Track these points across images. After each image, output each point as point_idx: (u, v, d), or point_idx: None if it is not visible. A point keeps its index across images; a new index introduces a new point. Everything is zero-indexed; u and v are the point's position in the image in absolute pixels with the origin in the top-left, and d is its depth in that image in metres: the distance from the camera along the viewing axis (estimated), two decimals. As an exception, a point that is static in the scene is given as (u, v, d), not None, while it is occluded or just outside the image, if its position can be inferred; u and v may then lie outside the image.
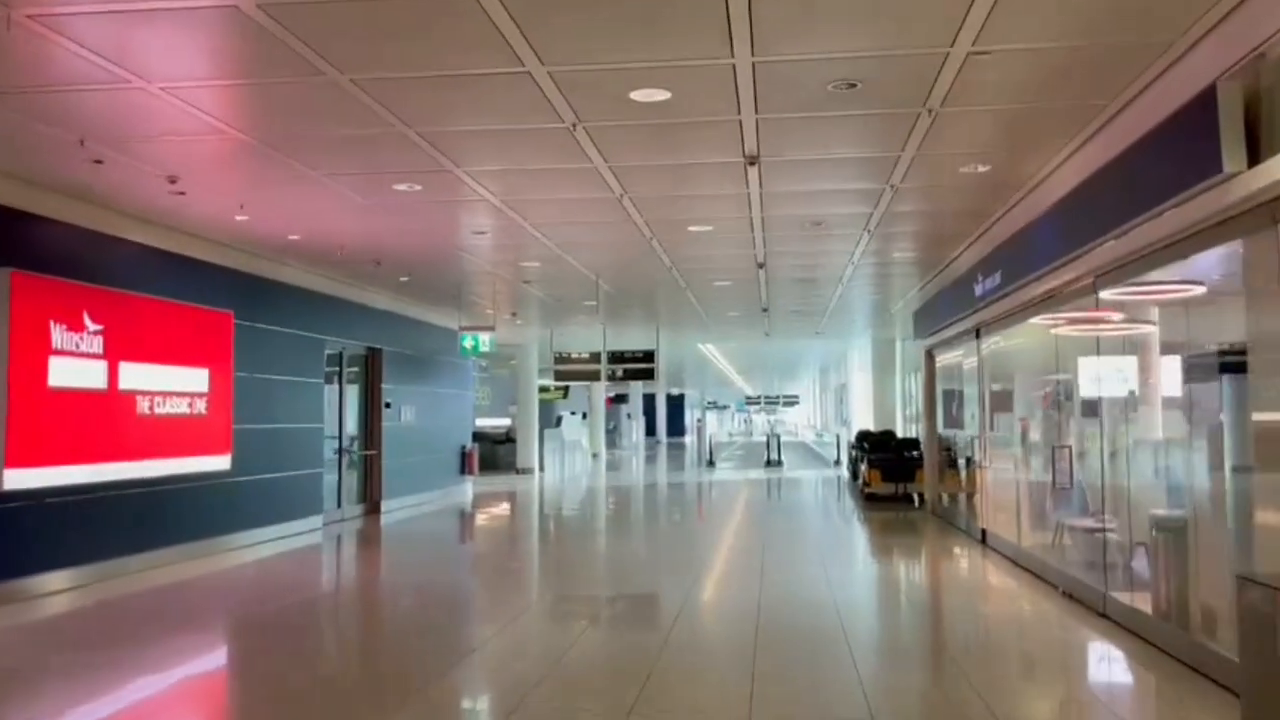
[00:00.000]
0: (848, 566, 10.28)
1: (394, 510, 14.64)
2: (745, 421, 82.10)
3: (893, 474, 15.77)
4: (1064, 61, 5.24)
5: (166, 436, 9.13)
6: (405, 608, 8.35)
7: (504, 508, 17.57)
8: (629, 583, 9.39)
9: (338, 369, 13.60)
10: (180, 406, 9.34)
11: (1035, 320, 8.60)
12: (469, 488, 18.28)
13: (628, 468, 29.92)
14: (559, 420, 28.59)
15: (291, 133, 6.53)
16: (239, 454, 10.31)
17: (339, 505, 13.46)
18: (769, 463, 27.05)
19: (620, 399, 48.25)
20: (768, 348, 29.79)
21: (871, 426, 23.46)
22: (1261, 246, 4.53)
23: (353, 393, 14.22)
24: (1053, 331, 8.33)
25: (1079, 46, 5.05)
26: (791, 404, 56.65)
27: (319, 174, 7.54)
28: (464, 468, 18.02)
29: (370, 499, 14.40)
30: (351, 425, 14.14)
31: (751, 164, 7.21)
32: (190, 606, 8.02)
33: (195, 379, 9.59)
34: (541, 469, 24.29)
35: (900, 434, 21.12)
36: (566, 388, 38.34)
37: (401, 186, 7.90)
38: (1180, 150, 4.88)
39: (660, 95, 5.75)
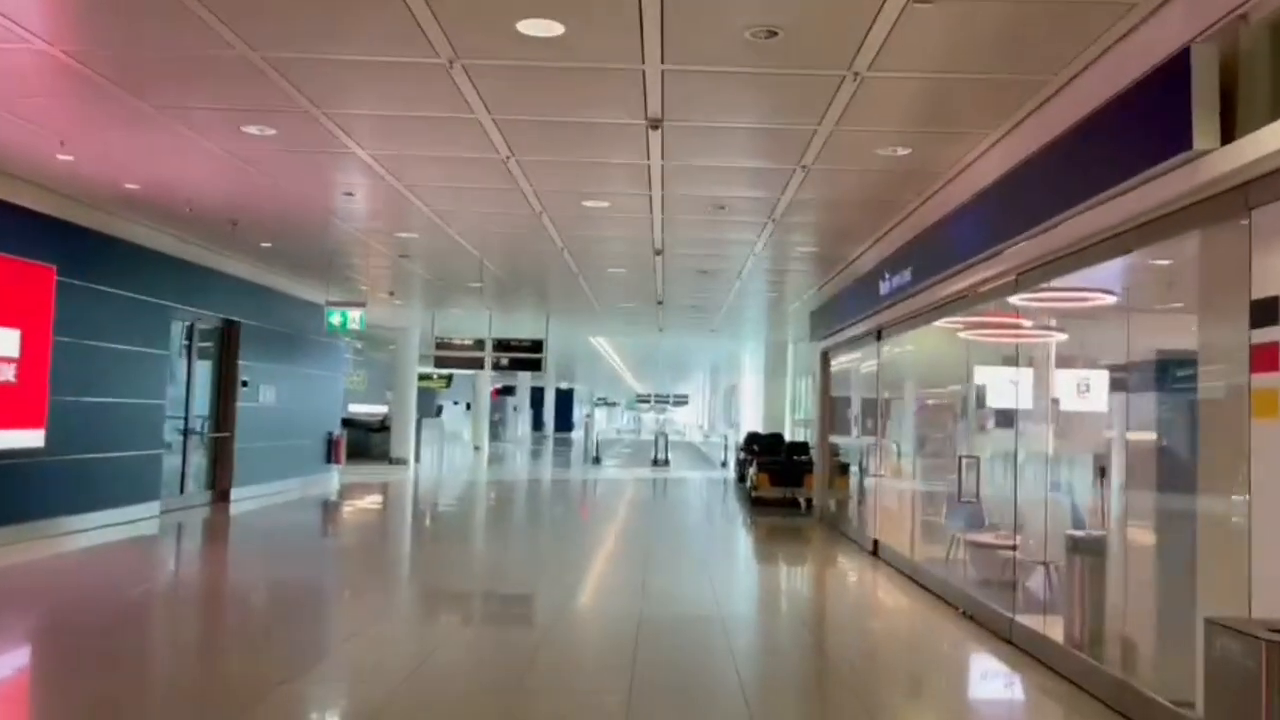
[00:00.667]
0: (733, 575, 9.63)
1: (246, 499, 13.38)
2: (635, 419, 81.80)
3: (782, 478, 15.29)
4: (1014, 19, 4.62)
5: (-39, 406, 7.83)
6: (236, 610, 7.30)
7: (370, 500, 16.41)
8: (497, 587, 8.52)
9: (186, 341, 12.28)
10: (-19, 372, 8.03)
11: (942, 323, 8.10)
12: (334, 477, 17.05)
13: (510, 462, 28.91)
14: (439, 410, 27.39)
15: (114, 50, 5.45)
16: (56, 429, 9.02)
17: (181, 491, 12.15)
18: (656, 462, 26.45)
19: (508, 391, 47.11)
20: (661, 344, 29.21)
21: (760, 429, 23.13)
22: (1227, 238, 3.97)
23: (204, 369, 12.92)
24: (962, 335, 7.84)
25: (1034, 3, 4.44)
26: (682, 404, 56.39)
27: (150, 106, 6.43)
28: (330, 456, 16.78)
29: (219, 485, 13.11)
30: (201, 404, 12.83)
31: (654, 128, 6.44)
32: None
33: (2, 341, 8.28)
34: (417, 460, 23.09)
35: (789, 438, 20.81)
36: (450, 376, 37.04)
37: (252, 129, 6.84)
38: (1140, 125, 4.30)
39: (553, 29, 4.91)
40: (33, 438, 8.69)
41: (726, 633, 6.56)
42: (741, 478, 20.34)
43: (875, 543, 10.12)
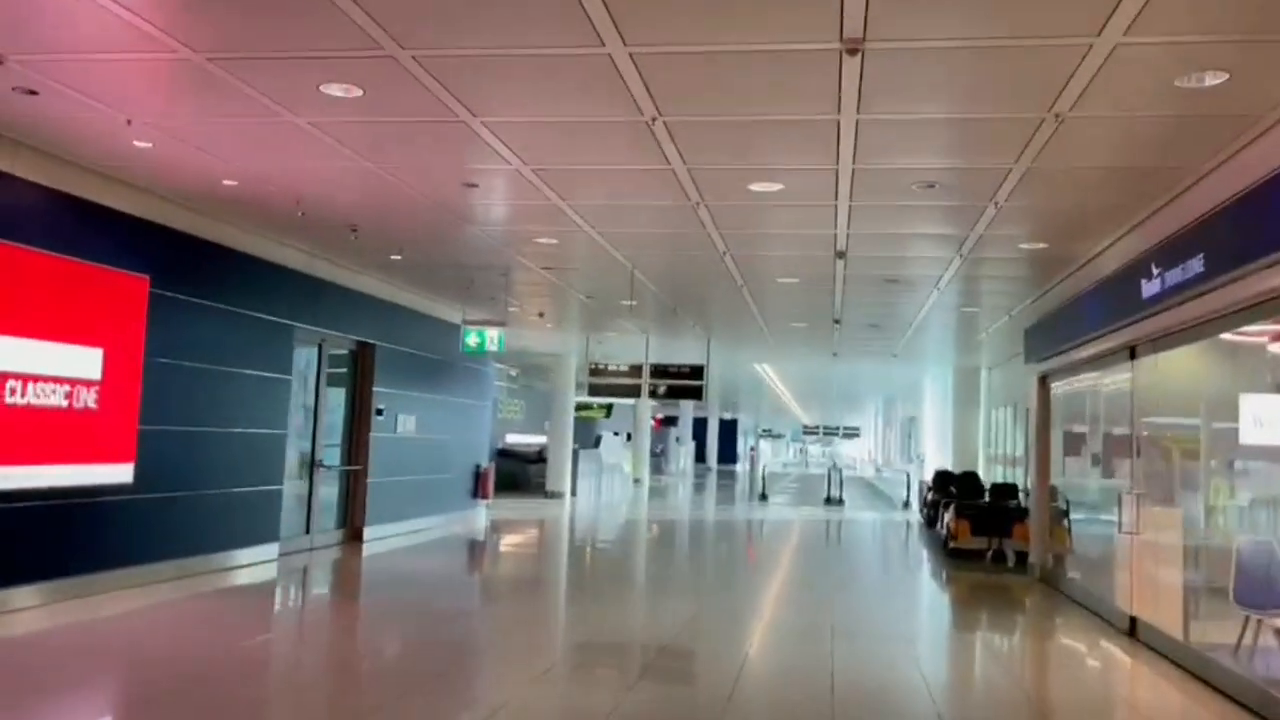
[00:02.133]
0: (942, 651, 7.57)
1: (381, 538, 12.21)
2: (800, 452, 78.90)
3: (986, 526, 12.94)
4: None
5: (29, 436, 6.77)
6: (366, 671, 5.87)
7: (519, 540, 15.06)
8: (661, 654, 6.79)
9: (317, 365, 11.23)
10: (52, 398, 6.96)
11: (1256, 330, 5.87)
12: (482, 513, 15.82)
13: (671, 497, 27.27)
14: (598, 440, 26.09)
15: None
16: (148, 463, 7.93)
17: (307, 531, 11.05)
18: (829, 500, 24.22)
19: (670, 421, 45.66)
20: (831, 372, 26.97)
21: (949, 466, 20.62)
22: None
23: (337, 396, 11.86)
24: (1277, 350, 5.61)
25: None
26: (852, 436, 53.43)
27: (222, 70, 5.14)
28: (478, 490, 15.56)
29: (351, 524, 11.98)
30: (332, 434, 11.77)
31: (852, 53, 4.63)
32: (29, 666, 5.60)
33: (80, 361, 7.22)
34: (573, 494, 21.78)
35: (983, 476, 18.26)
36: (610, 406, 35.90)
37: (335, 90, 5.46)
38: None
39: None
40: (119, 473, 7.60)
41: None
42: (930, 522, 17.98)
43: (1133, 622, 7.79)
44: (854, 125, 5.70)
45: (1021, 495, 13.88)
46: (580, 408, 34.70)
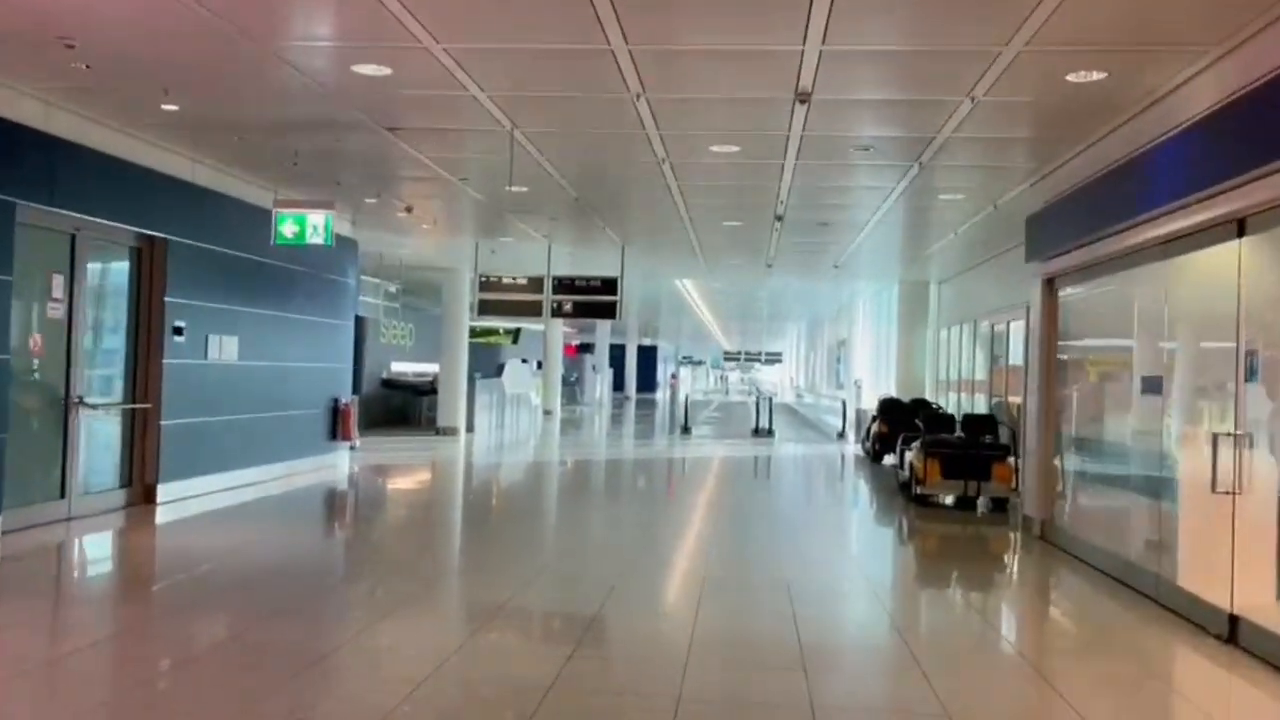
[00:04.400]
0: (952, 658, 5.03)
1: (186, 497, 9.21)
2: (720, 379, 77.09)
3: (960, 468, 10.51)
4: None
5: None
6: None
7: (389, 490, 12.17)
8: (574, 657, 4.09)
9: (70, 266, 8.04)
10: None
11: None
12: (344, 458, 12.86)
13: (585, 430, 24.58)
14: (501, 369, 23.15)
15: None
16: None
17: (62, 494, 7.99)
18: (757, 431, 21.81)
19: (585, 349, 42.85)
20: (759, 290, 24.40)
21: (890, 392, 18.32)
22: None
23: (109, 309, 8.71)
24: None
25: None
26: (774, 361, 51.44)
27: None
28: (335, 431, 12.58)
29: (139, 480, 8.93)
30: (110, 362, 8.65)
31: None
32: None
33: None
34: (470, 429, 18.89)
35: (934, 403, 15.96)
36: (517, 331, 32.94)
37: None
38: None
39: None
40: None
41: None
42: (876, 456, 15.65)
43: (1233, 622, 5.32)
44: None
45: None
46: (482, 332, 31.63)
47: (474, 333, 28.14)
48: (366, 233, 13.83)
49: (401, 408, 21.07)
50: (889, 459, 15.34)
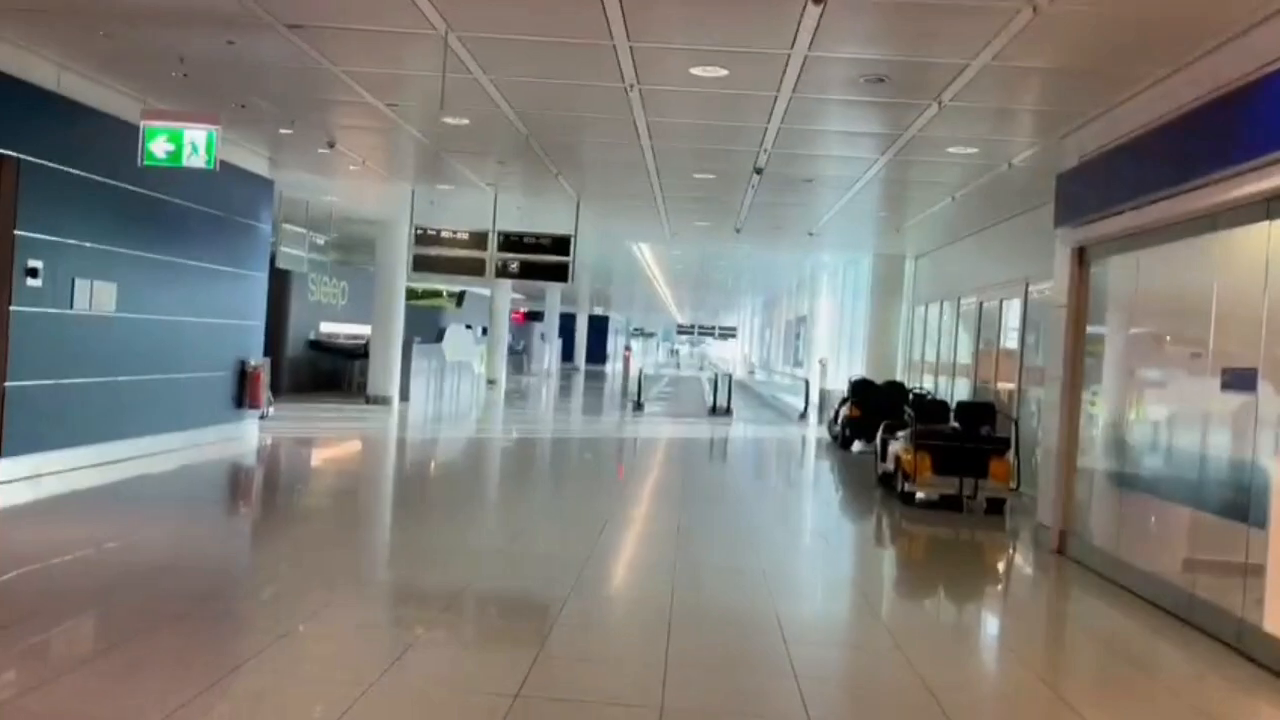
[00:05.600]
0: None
1: (34, 475, 7.58)
2: (672, 352, 75.87)
3: (955, 463, 9.24)
4: None
5: None
6: None
7: (292, 470, 10.61)
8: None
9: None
10: None
11: None
12: (251, 429, 11.24)
13: (529, 404, 23.09)
14: (442, 334, 21.52)
15: None
16: None
17: None
18: (714, 410, 20.49)
19: (535, 316, 41.19)
20: (719, 260, 23.04)
21: (857, 371, 17.11)
22: None
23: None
24: None
25: None
26: (728, 336, 50.24)
27: None
28: (242, 399, 10.95)
29: (-25, 455, 7.29)
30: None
31: None
32: None
33: None
34: (404, 398, 17.28)
35: (910, 387, 14.75)
36: (462, 294, 31.23)
37: None
38: None
39: None
40: None
41: None
42: (844, 442, 14.41)
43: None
44: None
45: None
46: (424, 294, 29.87)
47: (415, 295, 26.42)
48: (288, 174, 12.16)
49: (331, 372, 19.38)
50: (858, 445, 14.16)
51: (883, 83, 6.61)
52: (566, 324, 44.28)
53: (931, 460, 9.32)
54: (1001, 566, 7.71)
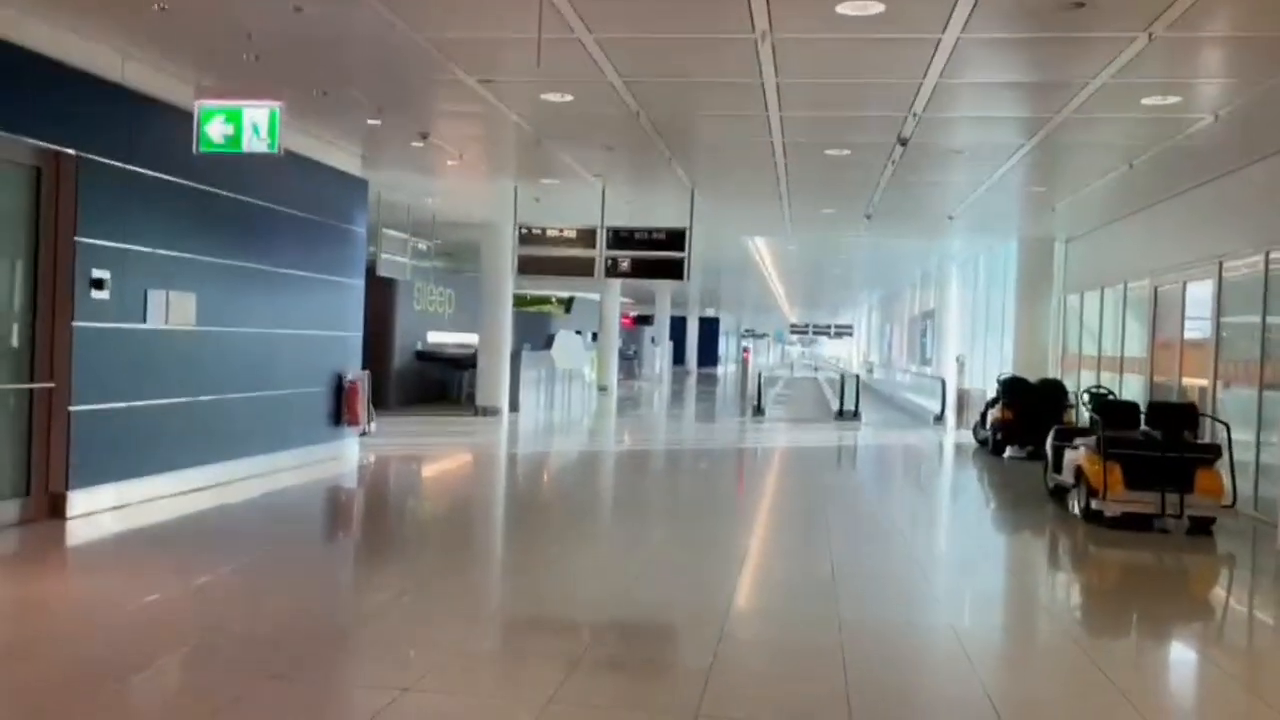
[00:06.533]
0: None
1: (118, 506, 6.85)
2: (782, 354, 74.04)
3: (1154, 476, 7.73)
4: None
5: None
6: None
7: (399, 495, 9.74)
8: None
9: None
10: None
11: None
12: (352, 448, 10.46)
13: (646, 411, 22.06)
14: (551, 340, 20.69)
15: None
16: None
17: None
18: (841, 414, 19.07)
19: (644, 320, 40.23)
20: (838, 254, 21.59)
21: (1001, 368, 15.53)
22: None
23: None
24: None
25: None
26: (844, 335, 48.29)
27: None
28: (340, 416, 10.18)
29: (40, 488, 6.56)
30: (-5, 324, 6.30)
31: None
32: None
33: None
34: (514, 409, 16.45)
35: (1061, 383, 13.13)
36: (570, 300, 30.47)
37: None
38: None
39: None
40: None
41: None
42: (997, 448, 12.92)
43: None
44: None
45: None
46: (532, 301, 29.22)
47: (523, 302, 25.77)
48: (383, 174, 11.39)
49: (440, 383, 18.74)
50: (1010, 450, 12.68)
51: (1082, 7, 5.27)
52: (677, 327, 43.21)
53: (1124, 472, 7.85)
54: (1264, 609, 6.24)
